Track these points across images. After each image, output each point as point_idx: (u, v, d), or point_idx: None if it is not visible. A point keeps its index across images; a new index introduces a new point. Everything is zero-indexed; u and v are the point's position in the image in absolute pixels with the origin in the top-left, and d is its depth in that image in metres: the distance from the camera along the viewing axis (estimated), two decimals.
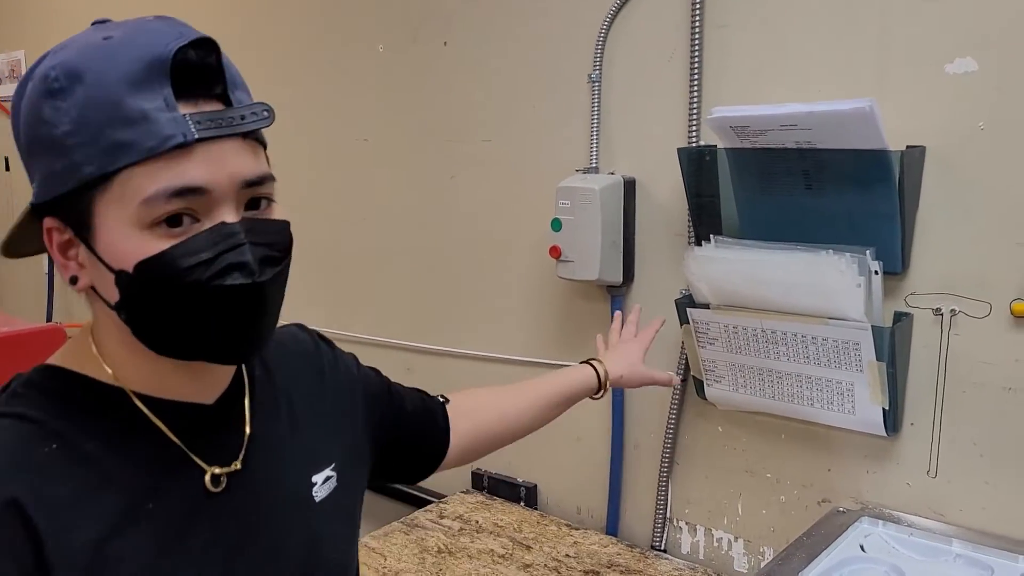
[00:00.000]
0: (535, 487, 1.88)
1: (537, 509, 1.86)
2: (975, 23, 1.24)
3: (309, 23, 2.22)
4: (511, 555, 1.63)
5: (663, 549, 1.67)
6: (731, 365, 1.47)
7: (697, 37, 1.50)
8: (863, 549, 1.30)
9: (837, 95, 1.34)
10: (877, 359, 1.29)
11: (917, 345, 1.34)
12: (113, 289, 0.67)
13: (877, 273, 1.28)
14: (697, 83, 1.51)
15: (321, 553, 0.83)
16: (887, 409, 1.33)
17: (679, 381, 1.53)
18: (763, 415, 1.51)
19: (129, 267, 0.66)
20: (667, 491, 1.65)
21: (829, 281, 1.28)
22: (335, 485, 0.85)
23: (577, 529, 1.74)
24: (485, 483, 1.95)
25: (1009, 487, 1.29)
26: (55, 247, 0.70)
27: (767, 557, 1.54)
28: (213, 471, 0.74)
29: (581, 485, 1.81)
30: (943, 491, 1.35)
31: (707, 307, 1.45)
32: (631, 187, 1.63)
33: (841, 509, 1.41)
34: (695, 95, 1.52)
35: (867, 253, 1.27)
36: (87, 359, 0.73)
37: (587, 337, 1.76)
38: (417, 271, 2.06)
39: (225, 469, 0.75)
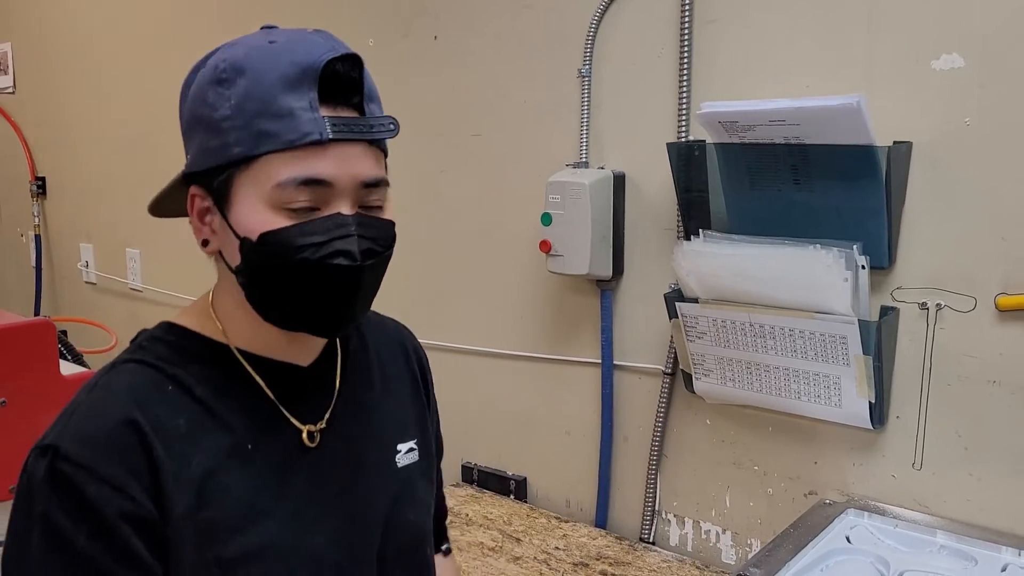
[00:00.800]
0: (525, 480, 1.89)
1: (527, 502, 1.87)
2: (961, 19, 1.26)
3: (298, 16, 2.22)
4: (501, 548, 1.64)
5: (652, 541, 1.68)
6: (719, 359, 1.48)
7: (686, 32, 1.51)
8: (849, 540, 1.31)
9: (825, 91, 1.35)
10: (863, 353, 1.30)
11: (903, 339, 1.35)
12: (237, 254, 0.78)
13: (864, 268, 1.29)
14: (686, 78, 1.52)
15: (402, 514, 0.91)
16: (873, 402, 1.34)
17: None
18: (751, 408, 1.52)
19: (254, 236, 0.76)
20: (656, 484, 1.67)
21: (816, 276, 1.29)
22: (416, 458, 0.94)
23: (566, 522, 1.75)
24: (475, 476, 1.96)
25: (992, 479, 1.30)
26: (195, 212, 0.81)
27: (754, 549, 1.55)
28: (308, 428, 0.84)
29: (570, 478, 1.82)
30: (928, 483, 1.36)
31: (696, 301, 1.45)
32: (621, 182, 1.64)
33: (827, 501, 1.42)
34: (684, 90, 1.52)
35: (854, 248, 1.28)
36: (203, 318, 0.84)
37: (577, 331, 1.77)
38: (406, 265, 2.06)
39: (314, 427, 0.85)
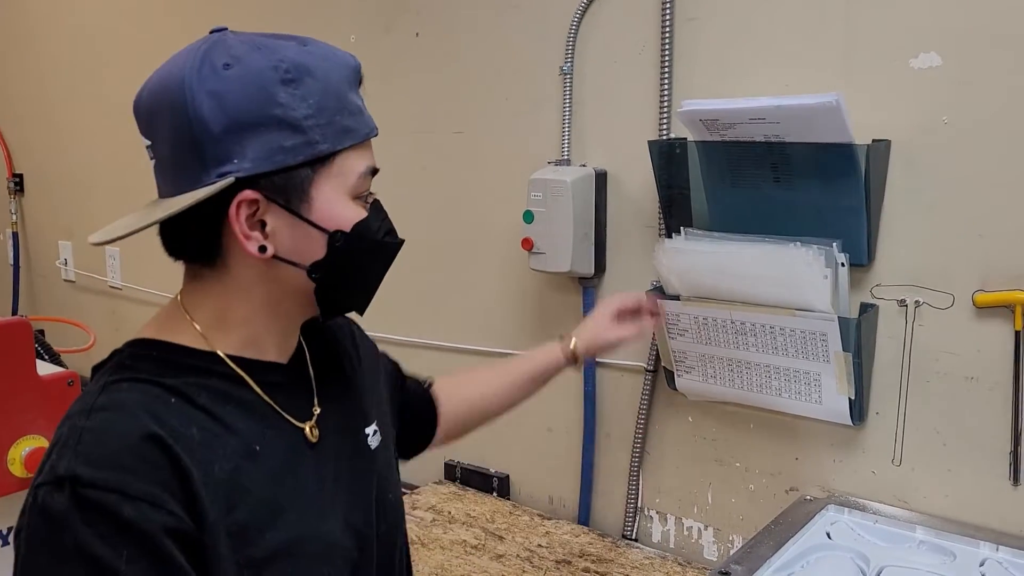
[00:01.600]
0: (507, 477, 1.89)
1: (509, 499, 1.87)
2: (938, 18, 1.26)
3: (280, 12, 2.20)
4: (484, 546, 1.64)
5: (634, 538, 1.69)
6: (701, 356, 1.48)
7: (667, 30, 1.51)
8: (829, 536, 1.32)
9: (805, 89, 1.35)
10: (844, 350, 1.31)
11: (882, 336, 1.36)
12: (319, 250, 0.80)
13: (844, 265, 1.29)
14: (668, 76, 1.52)
15: (385, 493, 0.95)
16: (853, 399, 1.35)
17: (653, 322, 1.38)
18: (732, 405, 1.53)
19: (347, 227, 0.80)
20: (638, 481, 1.67)
21: (797, 273, 1.30)
22: (380, 438, 0.97)
23: (549, 519, 1.75)
24: (457, 474, 1.96)
25: (970, 474, 1.32)
26: (242, 219, 0.77)
27: (736, 545, 1.56)
28: (309, 425, 0.87)
29: (553, 475, 1.82)
30: (907, 479, 1.37)
31: (677, 299, 1.46)
32: (602, 179, 1.64)
33: (808, 497, 1.43)
34: (666, 88, 1.53)
35: (834, 245, 1.29)
36: (178, 327, 0.82)
37: (559, 328, 1.76)
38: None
39: (312, 423, 0.87)
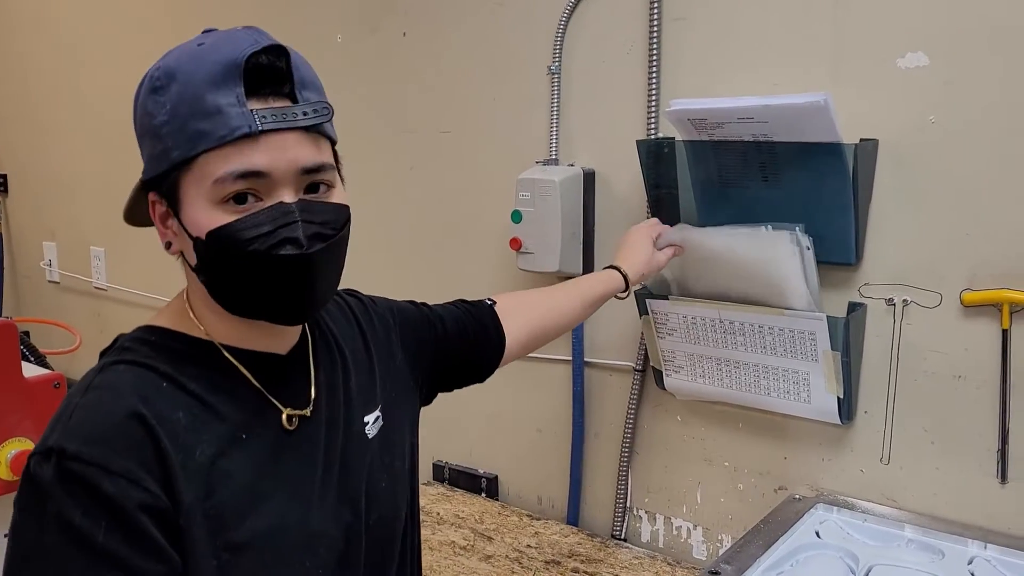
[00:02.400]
0: (496, 478, 1.89)
1: (498, 500, 1.87)
2: (926, 18, 1.27)
3: (265, 11, 2.19)
4: (472, 546, 1.63)
5: (623, 538, 1.69)
6: (690, 355, 1.48)
7: (655, 30, 1.51)
8: (818, 535, 1.32)
9: (793, 89, 1.35)
10: (832, 349, 1.31)
11: (870, 335, 1.36)
12: (192, 254, 0.80)
13: (809, 249, 1.30)
14: (655, 75, 1.52)
15: (377, 483, 0.94)
16: (841, 398, 1.35)
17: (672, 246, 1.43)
18: (721, 405, 1.53)
19: (203, 235, 0.78)
20: (627, 480, 1.67)
21: (770, 254, 1.31)
22: (382, 424, 0.97)
23: (538, 519, 1.74)
24: (446, 474, 1.95)
25: (958, 473, 1.32)
26: (157, 217, 0.84)
27: (725, 545, 1.56)
28: (288, 412, 0.86)
29: (542, 475, 1.81)
30: (895, 477, 1.37)
31: (666, 298, 1.46)
32: (591, 179, 1.63)
33: (797, 496, 1.43)
34: (653, 87, 1.52)
35: (796, 229, 1.30)
36: (181, 317, 0.86)
37: None
38: (375, 262, 2.05)
39: (299, 412, 0.88)
